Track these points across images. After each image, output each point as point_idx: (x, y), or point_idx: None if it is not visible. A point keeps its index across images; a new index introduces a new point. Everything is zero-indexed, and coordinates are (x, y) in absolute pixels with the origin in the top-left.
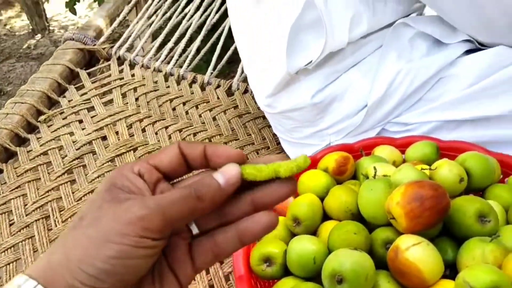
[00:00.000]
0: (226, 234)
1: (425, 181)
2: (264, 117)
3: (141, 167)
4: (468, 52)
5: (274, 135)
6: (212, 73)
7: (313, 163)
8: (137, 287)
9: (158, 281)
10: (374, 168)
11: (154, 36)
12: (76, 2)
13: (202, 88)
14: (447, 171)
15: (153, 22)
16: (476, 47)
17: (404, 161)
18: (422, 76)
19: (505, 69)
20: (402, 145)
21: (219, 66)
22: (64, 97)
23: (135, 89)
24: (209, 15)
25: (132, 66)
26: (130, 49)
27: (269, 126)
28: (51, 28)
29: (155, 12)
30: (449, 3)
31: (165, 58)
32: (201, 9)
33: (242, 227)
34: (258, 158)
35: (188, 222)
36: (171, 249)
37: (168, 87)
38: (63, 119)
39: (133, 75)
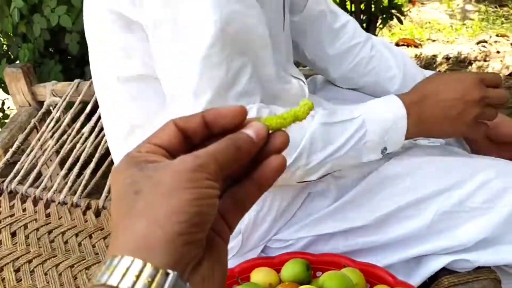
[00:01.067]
0: (245, 188)
1: None
2: None
3: (146, 148)
4: None
5: None
6: (107, 196)
7: None
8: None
9: (209, 249)
10: None
11: (49, 164)
12: None
13: (97, 213)
14: None
15: (46, 149)
16: None
17: (280, 281)
18: (290, 193)
19: (364, 180)
20: (279, 263)
21: None
22: None
23: (25, 226)
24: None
25: (24, 199)
26: (22, 180)
27: None
28: None
29: (51, 136)
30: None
31: (57, 187)
32: (96, 129)
33: (258, 176)
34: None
35: (229, 172)
36: None
37: (61, 218)
38: None
39: (24, 210)
